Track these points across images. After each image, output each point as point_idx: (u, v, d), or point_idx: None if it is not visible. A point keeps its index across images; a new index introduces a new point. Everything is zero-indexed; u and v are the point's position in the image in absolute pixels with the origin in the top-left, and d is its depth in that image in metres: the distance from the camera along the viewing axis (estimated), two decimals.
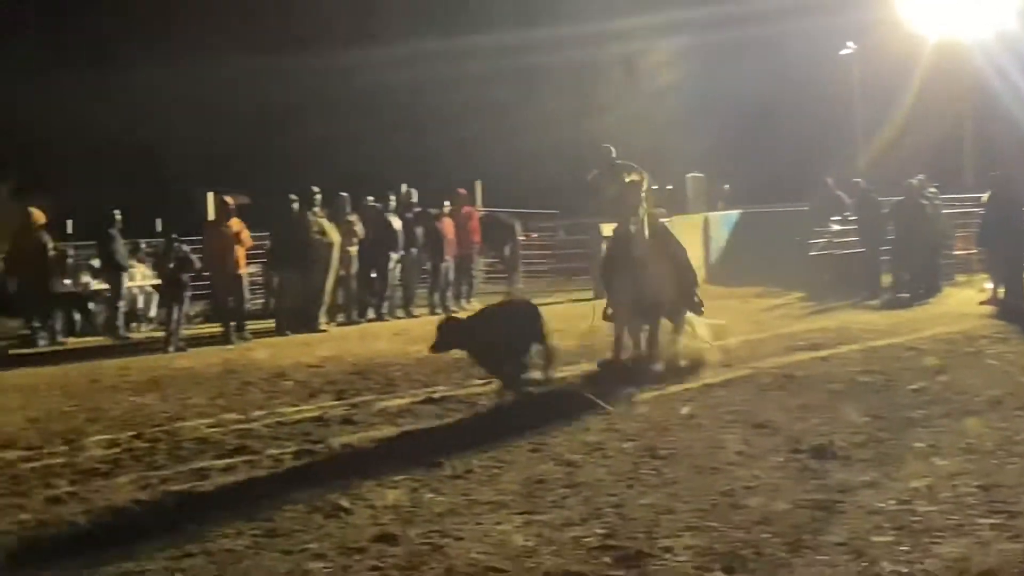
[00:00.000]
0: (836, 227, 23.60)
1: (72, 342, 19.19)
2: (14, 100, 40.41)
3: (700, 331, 10.69)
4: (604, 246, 11.34)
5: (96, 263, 20.82)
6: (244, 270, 18.35)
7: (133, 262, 20.25)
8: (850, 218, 23.07)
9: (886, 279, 21.40)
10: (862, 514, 6.67)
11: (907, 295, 20.24)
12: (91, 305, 20.66)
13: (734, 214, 28.29)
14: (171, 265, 18.39)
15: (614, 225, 11.92)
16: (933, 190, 21.72)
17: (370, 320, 20.60)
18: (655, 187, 12.28)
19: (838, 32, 39.78)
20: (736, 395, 10.72)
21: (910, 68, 35.59)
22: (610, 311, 11.20)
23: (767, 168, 36.59)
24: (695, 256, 23.48)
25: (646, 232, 11.03)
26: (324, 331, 18.97)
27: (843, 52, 40.89)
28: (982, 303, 19.09)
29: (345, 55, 41.38)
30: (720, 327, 13.20)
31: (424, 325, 19.75)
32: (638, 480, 7.72)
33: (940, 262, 21.46)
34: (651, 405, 10.23)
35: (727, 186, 37.62)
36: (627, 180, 11.13)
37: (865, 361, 12.90)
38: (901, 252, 21.09)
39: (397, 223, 21.13)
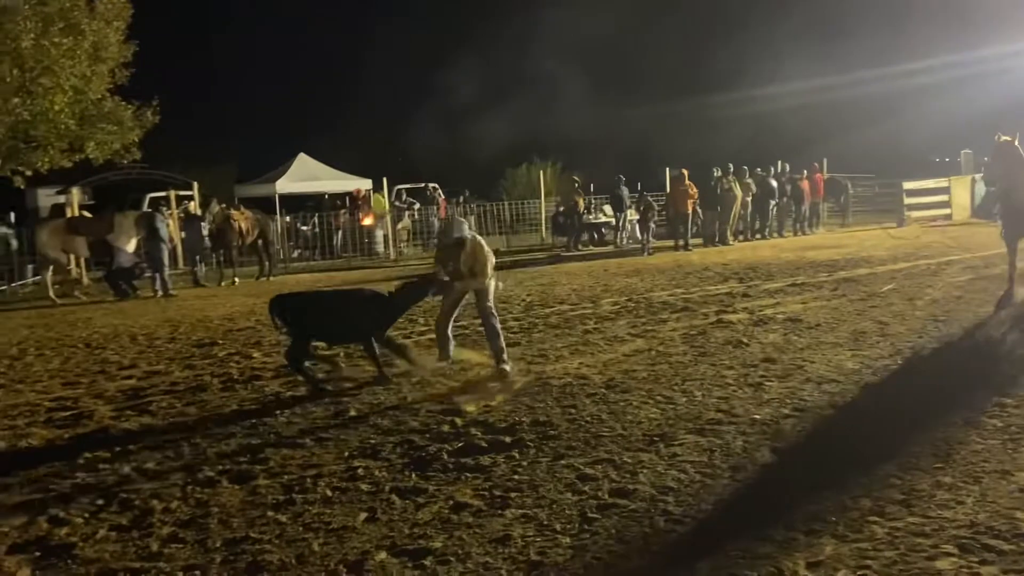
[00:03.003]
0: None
1: (592, 249, 19.69)
2: (565, 114, 37.69)
3: None
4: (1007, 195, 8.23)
5: (607, 207, 21.18)
6: (690, 210, 17.93)
7: (629, 206, 20.30)
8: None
9: None
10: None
11: None
12: (603, 229, 21.08)
13: None
14: (642, 207, 18.39)
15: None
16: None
17: (757, 239, 19.66)
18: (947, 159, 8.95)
19: None
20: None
21: None
22: (1004, 232, 8.52)
23: None
24: (967, 200, 20.82)
25: None
26: (730, 245, 18.29)
27: None
28: None
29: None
30: None
31: (789, 242, 18.69)
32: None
33: None
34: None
35: (987, 158, 32.47)
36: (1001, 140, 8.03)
37: None
38: None
39: (774, 183, 19.96)
